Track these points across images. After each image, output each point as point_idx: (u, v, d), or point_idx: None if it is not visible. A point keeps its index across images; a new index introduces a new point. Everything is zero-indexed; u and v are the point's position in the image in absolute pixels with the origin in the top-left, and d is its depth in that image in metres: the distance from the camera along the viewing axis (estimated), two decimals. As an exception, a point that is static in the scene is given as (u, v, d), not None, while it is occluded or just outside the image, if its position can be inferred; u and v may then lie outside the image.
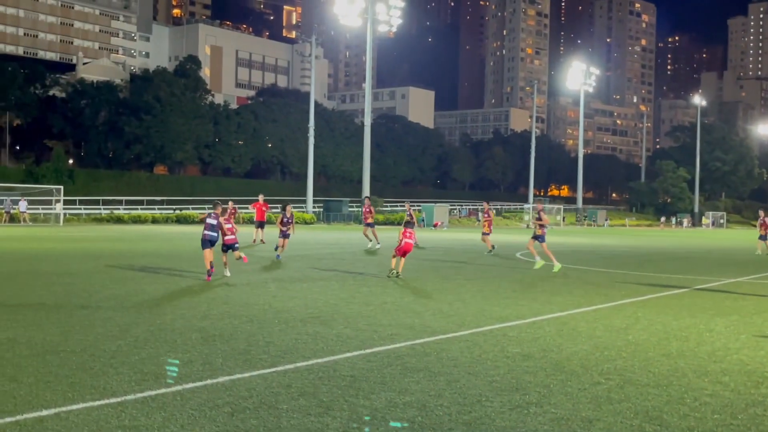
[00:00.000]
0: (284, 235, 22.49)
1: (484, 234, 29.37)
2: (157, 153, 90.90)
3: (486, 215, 29.85)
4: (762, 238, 33.16)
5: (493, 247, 28.75)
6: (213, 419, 6.11)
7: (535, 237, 21.79)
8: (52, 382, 7.11)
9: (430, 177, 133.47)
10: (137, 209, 64.70)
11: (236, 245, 17.35)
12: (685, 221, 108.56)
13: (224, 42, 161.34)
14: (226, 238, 17.12)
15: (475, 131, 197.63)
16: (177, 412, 6.28)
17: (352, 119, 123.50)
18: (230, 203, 28.56)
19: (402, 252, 18.00)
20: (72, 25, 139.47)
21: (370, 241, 29.55)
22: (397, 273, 17.99)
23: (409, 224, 18.66)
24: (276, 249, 22.91)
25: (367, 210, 30.28)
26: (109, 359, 8.12)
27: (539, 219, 21.74)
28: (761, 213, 34.78)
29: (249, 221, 45.43)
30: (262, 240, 30.77)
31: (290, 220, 22.87)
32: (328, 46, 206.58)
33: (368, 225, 29.62)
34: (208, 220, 16.60)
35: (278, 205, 75.46)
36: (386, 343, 9.42)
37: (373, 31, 68.81)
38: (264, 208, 31.79)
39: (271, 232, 30.23)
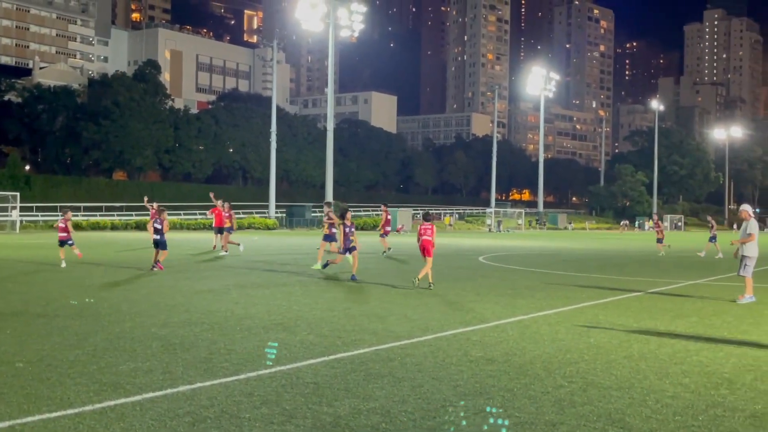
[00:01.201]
0: (349, 250, 18.96)
1: (381, 236, 30.36)
2: (116, 158, 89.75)
3: (386, 216, 30.90)
4: (712, 239, 34.20)
5: (389, 248, 29.70)
6: (173, 429, 5.99)
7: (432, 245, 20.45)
8: (6, 394, 6.93)
9: (394, 181, 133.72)
10: (96, 216, 63.82)
11: (69, 242, 21.53)
12: (647, 224, 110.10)
13: (184, 46, 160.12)
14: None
15: (438, 136, 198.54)
16: (136, 422, 6.15)
17: (314, 124, 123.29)
18: (155, 204, 28.48)
19: (422, 250, 16.79)
20: (28, 28, 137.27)
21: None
22: (429, 283, 16.48)
23: (427, 217, 17.37)
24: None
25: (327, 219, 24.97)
26: (66, 369, 7.94)
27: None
28: (709, 218, 36.45)
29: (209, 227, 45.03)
30: (223, 247, 30.35)
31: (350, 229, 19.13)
32: (290, 51, 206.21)
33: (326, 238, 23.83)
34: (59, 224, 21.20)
35: (240, 211, 74.61)
36: (350, 349, 9.36)
37: (335, 36, 68.75)
38: (225, 214, 31.17)
39: (234, 237, 29.94)
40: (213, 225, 31.64)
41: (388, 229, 30.62)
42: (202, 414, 6.40)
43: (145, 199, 31.96)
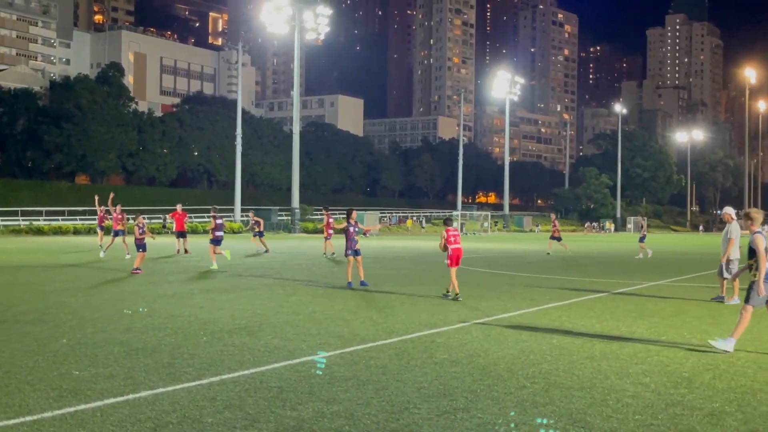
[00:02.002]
0: (356, 253, 17.87)
1: (326, 239, 31.02)
2: (79, 162, 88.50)
3: (328, 220, 31.55)
4: (641, 239, 35.06)
5: (333, 253, 30.32)
6: (134, 435, 5.95)
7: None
8: (-37, 402, 6.81)
9: (360, 184, 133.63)
10: (58, 220, 62.86)
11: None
12: (613, 227, 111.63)
13: (148, 49, 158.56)
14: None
15: (404, 139, 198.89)
16: (97, 428, 6.09)
17: (280, 127, 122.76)
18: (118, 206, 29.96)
19: (455, 260, 15.59)
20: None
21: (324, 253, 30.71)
22: (455, 293, 15.42)
23: (448, 222, 16.19)
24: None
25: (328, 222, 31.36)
26: (25, 375, 7.83)
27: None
28: (552, 216, 38.01)
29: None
30: (186, 250, 30.32)
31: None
32: (256, 54, 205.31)
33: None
34: None
35: (205, 214, 73.97)
36: (314, 352, 9.35)
37: (300, 39, 68.61)
38: (183, 218, 31.39)
39: (197, 241, 29.76)
40: (174, 229, 31.63)
41: (331, 231, 31.03)
42: (164, 419, 6.35)
43: (111, 195, 31.86)
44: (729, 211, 16.28)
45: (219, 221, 24.53)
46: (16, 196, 74.91)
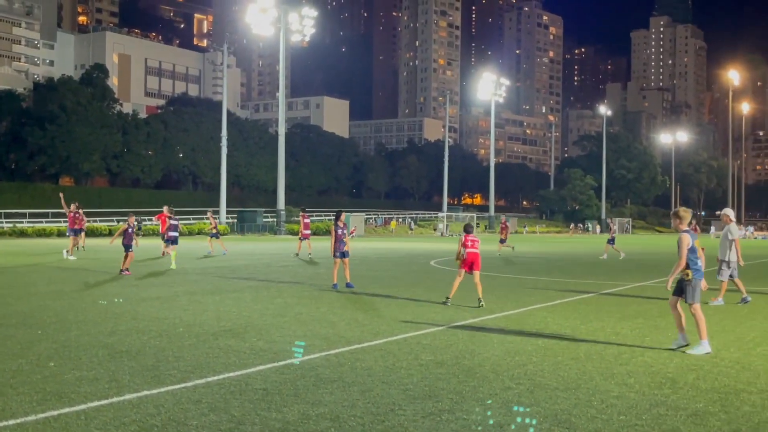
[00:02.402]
0: (343, 255, 17.94)
1: (300, 239, 31.73)
2: (63, 164, 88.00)
3: (304, 221, 32.12)
4: (611, 241, 35.58)
5: (309, 254, 31.19)
6: (119, 438, 5.92)
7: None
8: (-55, 406, 6.76)
9: (346, 186, 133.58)
10: (42, 222, 62.46)
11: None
12: (599, 228, 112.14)
13: (132, 50, 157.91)
14: None
15: (390, 141, 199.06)
16: (80, 431, 6.06)
17: (266, 129, 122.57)
18: (72, 206, 30.63)
19: (468, 265, 14.92)
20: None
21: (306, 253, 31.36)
22: (479, 300, 14.66)
23: (468, 228, 15.49)
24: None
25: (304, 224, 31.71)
26: (8, 379, 7.77)
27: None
28: (502, 218, 38.48)
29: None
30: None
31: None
32: (241, 55, 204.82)
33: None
34: None
35: (190, 216, 73.89)
36: (300, 353, 9.33)
37: (286, 41, 68.52)
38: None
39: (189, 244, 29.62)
40: (160, 231, 31.53)
41: (307, 232, 31.51)
42: (149, 422, 6.33)
43: (61, 195, 32.79)
44: (728, 212, 16.29)
45: (174, 222, 25.92)
46: (-1, 198, 74.35)
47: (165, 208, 30.04)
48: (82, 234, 32.20)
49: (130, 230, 21.46)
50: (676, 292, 10.25)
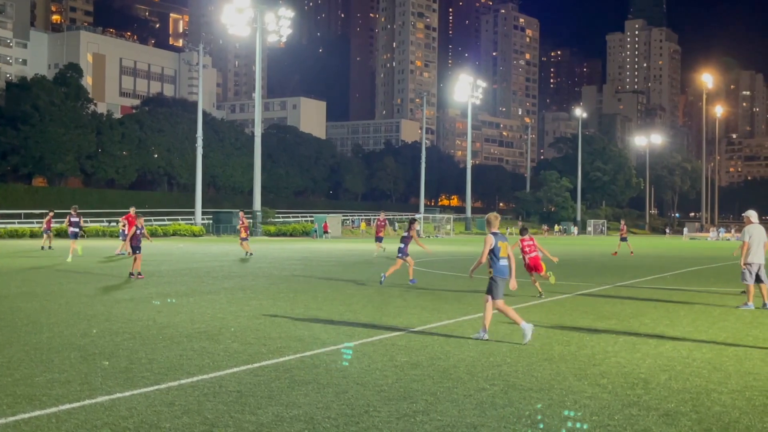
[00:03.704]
0: (404, 254, 19.76)
1: (242, 240, 32.77)
2: (36, 164, 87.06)
3: (241, 222, 33.44)
4: (624, 239, 38.40)
5: (250, 254, 32.14)
6: (90, 441, 5.86)
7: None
8: None
9: (323, 187, 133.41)
10: (14, 223, 61.76)
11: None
12: (576, 229, 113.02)
13: (107, 49, 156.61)
14: None
15: (367, 142, 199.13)
16: (51, 435, 5.99)
17: (242, 129, 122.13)
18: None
19: (533, 268, 16.88)
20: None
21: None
22: (539, 293, 16.97)
23: (524, 231, 17.67)
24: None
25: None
26: (-22, 382, 7.68)
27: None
28: (382, 215, 38.85)
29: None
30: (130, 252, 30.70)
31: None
32: (217, 55, 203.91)
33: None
34: None
35: (165, 218, 73.43)
36: (275, 356, 9.30)
37: (262, 41, 68.29)
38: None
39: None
40: (125, 232, 32.31)
41: (246, 233, 32.84)
42: (121, 425, 6.28)
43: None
44: (749, 214, 15.93)
45: (74, 219, 29.79)
46: (-29, 199, 73.43)
47: (132, 209, 30.52)
48: (51, 234, 32.72)
49: (138, 231, 20.83)
50: (487, 290, 10.93)
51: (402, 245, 19.74)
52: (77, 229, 29.87)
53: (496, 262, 10.74)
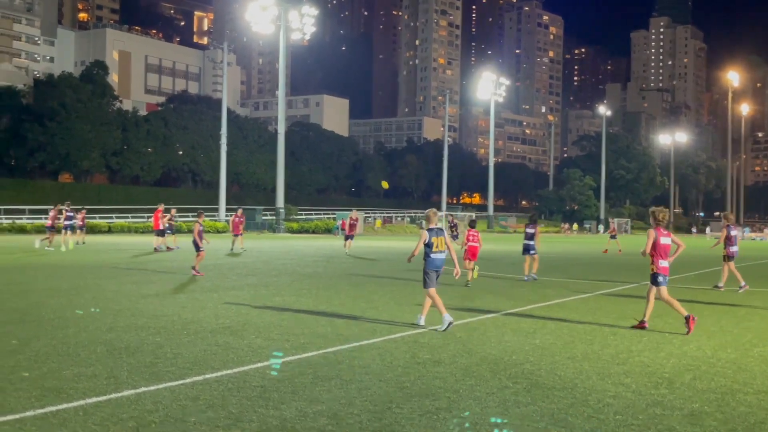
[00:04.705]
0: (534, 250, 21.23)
1: (235, 236, 33.75)
2: (63, 161, 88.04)
3: (239, 219, 33.83)
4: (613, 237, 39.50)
5: (239, 249, 32.54)
6: (117, 434, 5.94)
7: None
8: (-56, 401, 6.78)
9: (345, 185, 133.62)
10: (41, 219, 62.43)
11: None
12: (602, 228, 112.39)
13: (133, 47, 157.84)
14: None
15: (389, 140, 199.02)
16: (79, 428, 6.07)
17: (265, 127, 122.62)
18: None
19: (470, 256, 19.25)
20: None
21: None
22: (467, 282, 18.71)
23: (473, 224, 20.58)
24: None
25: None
26: (7, 375, 7.79)
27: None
28: (354, 212, 38.71)
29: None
30: (167, 247, 31.33)
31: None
32: (241, 53, 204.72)
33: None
34: None
35: (189, 214, 73.88)
36: (298, 352, 9.36)
37: (286, 39, 68.48)
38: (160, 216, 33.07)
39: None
40: (153, 228, 33.43)
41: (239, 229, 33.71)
42: (147, 418, 6.35)
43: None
44: None
45: (70, 213, 33.16)
46: (-2, 195, 74.35)
47: (160, 206, 31.54)
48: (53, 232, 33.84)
49: (201, 229, 20.68)
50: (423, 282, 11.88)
51: (531, 242, 20.87)
52: (71, 222, 33.21)
53: (428, 255, 11.60)
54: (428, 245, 11.60)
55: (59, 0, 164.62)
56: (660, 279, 11.98)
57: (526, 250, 20.90)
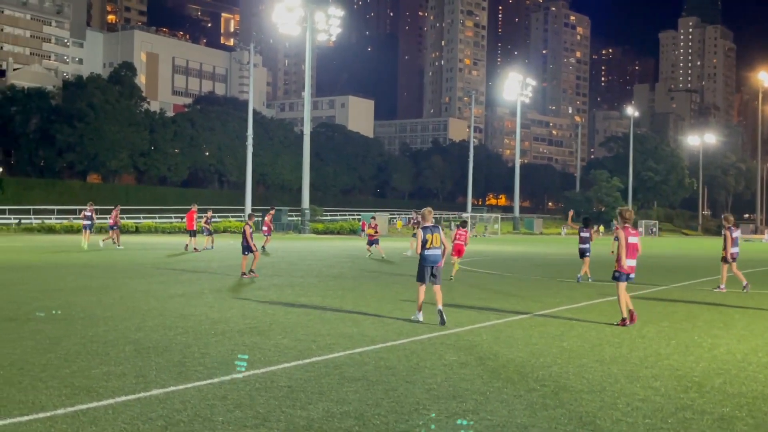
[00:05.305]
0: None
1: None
2: (91, 161, 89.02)
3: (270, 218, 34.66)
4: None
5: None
6: (146, 433, 5.99)
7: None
8: (-23, 398, 6.88)
9: (370, 186, 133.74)
10: (70, 219, 63.17)
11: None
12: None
13: (160, 49, 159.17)
14: None
15: (415, 141, 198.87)
16: (109, 426, 6.13)
17: (291, 128, 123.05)
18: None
19: (455, 253, 20.82)
20: (2, 30, 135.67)
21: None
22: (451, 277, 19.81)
23: (464, 224, 22.31)
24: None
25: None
26: (38, 373, 7.89)
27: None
28: (372, 220, 37.22)
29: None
30: (194, 248, 31.59)
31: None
32: (267, 54, 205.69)
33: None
34: None
35: (216, 215, 74.47)
36: (324, 352, 9.38)
37: (312, 40, 68.67)
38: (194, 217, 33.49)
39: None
40: (187, 228, 33.67)
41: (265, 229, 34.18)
42: (175, 417, 6.40)
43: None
44: None
45: (88, 213, 34.59)
46: (28, 195, 75.41)
47: (193, 206, 31.98)
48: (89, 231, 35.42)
49: (251, 231, 20.53)
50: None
51: (586, 246, 21.19)
52: (90, 222, 34.65)
53: (423, 251, 12.26)
54: (423, 242, 12.24)
55: (88, 2, 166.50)
56: (617, 275, 12.57)
57: (583, 253, 21.16)
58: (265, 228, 34.18)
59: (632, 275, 12.68)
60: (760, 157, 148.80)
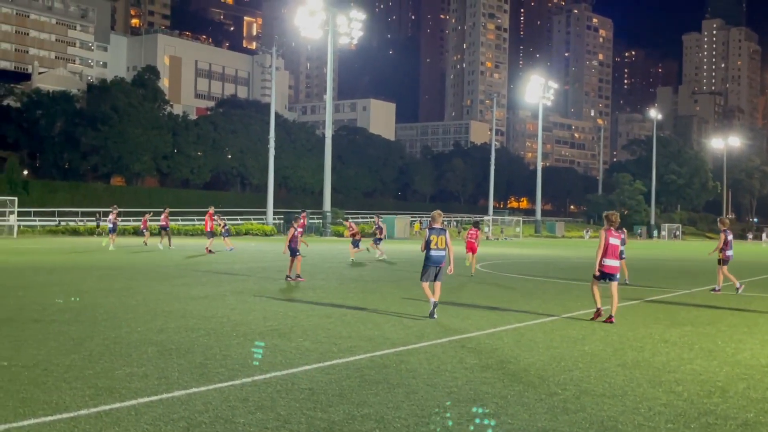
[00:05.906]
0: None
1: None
2: (115, 164, 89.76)
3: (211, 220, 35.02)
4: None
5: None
6: (168, 434, 6.03)
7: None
8: (2, 398, 6.95)
9: (392, 189, 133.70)
10: (93, 221, 63.72)
11: None
12: (656, 233, 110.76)
13: (183, 52, 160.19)
14: None
15: (436, 143, 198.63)
16: (131, 427, 6.18)
17: (313, 131, 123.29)
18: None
19: (468, 249, 24.00)
20: (27, 34, 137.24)
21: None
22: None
23: (476, 225, 25.40)
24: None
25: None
26: (62, 374, 7.97)
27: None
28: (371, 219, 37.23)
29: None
30: (209, 250, 32.09)
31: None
32: (289, 58, 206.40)
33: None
34: None
35: (238, 217, 74.62)
36: (345, 355, 9.40)
37: (334, 44, 68.92)
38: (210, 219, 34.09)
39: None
40: (205, 230, 34.48)
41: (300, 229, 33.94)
42: (197, 419, 6.44)
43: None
44: None
45: (111, 216, 35.98)
46: (53, 197, 76.14)
47: (211, 208, 32.49)
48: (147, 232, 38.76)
49: (297, 233, 20.47)
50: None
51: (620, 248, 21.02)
52: (109, 223, 36.48)
53: (427, 251, 13.03)
54: (428, 242, 12.98)
55: (112, 6, 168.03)
56: (597, 275, 13.32)
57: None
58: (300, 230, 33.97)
59: (616, 275, 13.33)
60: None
